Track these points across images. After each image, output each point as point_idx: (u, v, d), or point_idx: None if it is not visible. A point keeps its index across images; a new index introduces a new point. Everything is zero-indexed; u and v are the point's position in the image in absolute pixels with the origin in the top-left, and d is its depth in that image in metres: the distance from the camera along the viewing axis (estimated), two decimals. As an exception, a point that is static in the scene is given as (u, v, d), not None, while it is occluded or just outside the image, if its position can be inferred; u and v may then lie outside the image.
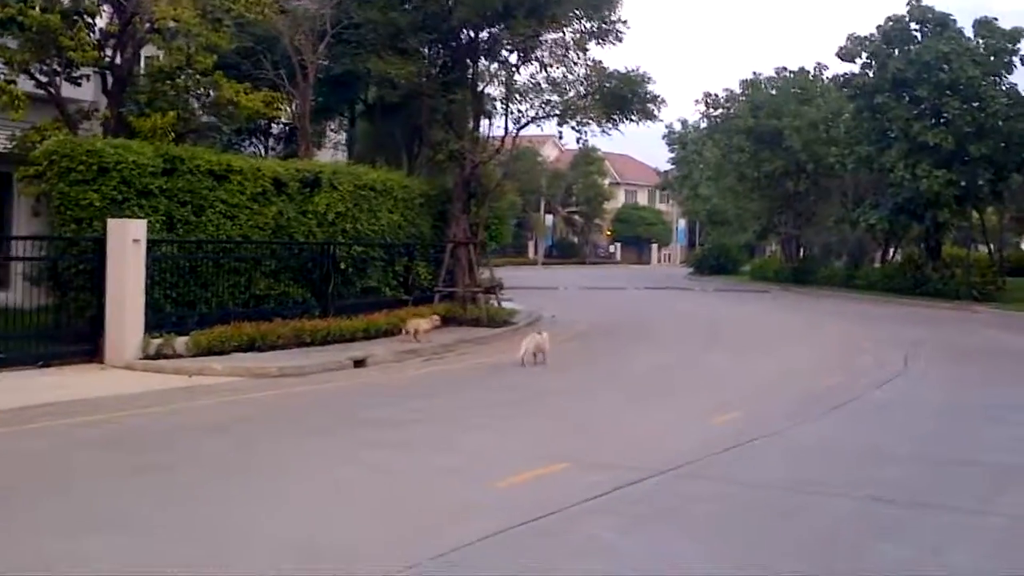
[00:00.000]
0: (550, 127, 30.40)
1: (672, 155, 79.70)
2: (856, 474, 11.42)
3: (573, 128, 27.99)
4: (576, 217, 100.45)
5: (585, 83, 28.38)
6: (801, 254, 63.64)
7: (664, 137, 78.05)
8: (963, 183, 43.71)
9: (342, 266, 24.24)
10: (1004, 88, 45.19)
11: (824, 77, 57.44)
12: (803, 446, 13.02)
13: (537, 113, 28.57)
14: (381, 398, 16.69)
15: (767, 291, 54.99)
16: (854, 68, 47.58)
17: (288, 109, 27.61)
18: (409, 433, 13.23)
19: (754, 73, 61.48)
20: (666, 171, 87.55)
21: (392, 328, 24.03)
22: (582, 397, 17.08)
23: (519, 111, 28.99)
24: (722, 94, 60.80)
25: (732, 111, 59.42)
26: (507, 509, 9.41)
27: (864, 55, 46.42)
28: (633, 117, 28.97)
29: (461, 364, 21.57)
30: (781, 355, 24.09)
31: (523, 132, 30.51)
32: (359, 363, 20.54)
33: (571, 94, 28.23)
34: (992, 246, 55.97)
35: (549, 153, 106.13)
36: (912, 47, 45.15)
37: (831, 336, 28.95)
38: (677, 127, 77.70)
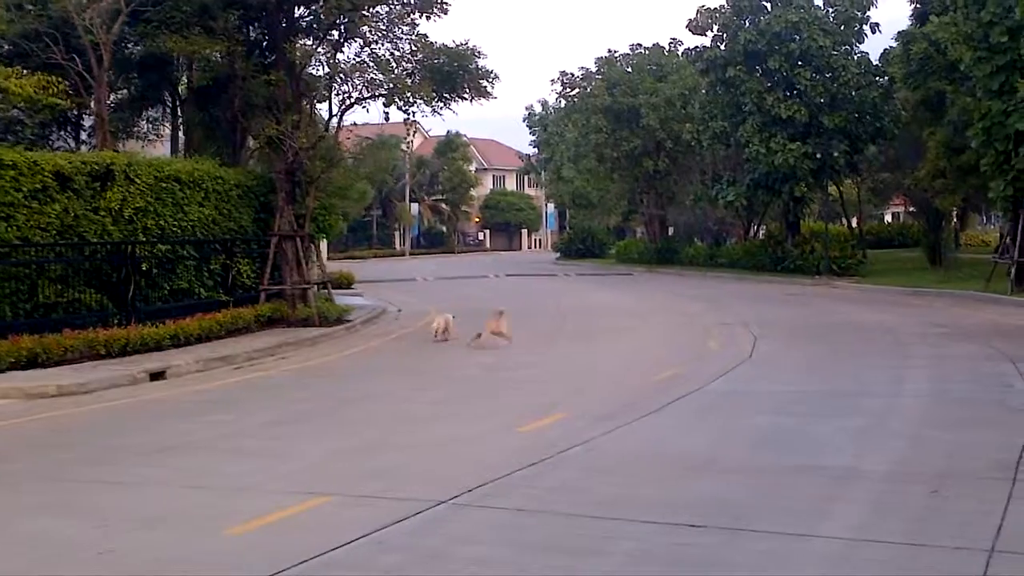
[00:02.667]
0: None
1: (534, 138, 77.97)
2: (673, 490, 9.77)
3: (400, 108, 25.99)
4: (443, 205, 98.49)
5: (412, 60, 26.45)
6: (666, 234, 62.62)
7: (524, 120, 76.35)
8: (818, 155, 42.87)
9: (144, 267, 21.98)
10: (855, 57, 44.46)
11: (679, 52, 56.24)
12: (620, 456, 11.32)
13: (361, 94, 26.54)
14: (159, 418, 14.61)
15: (630, 274, 53.92)
16: (706, 41, 46.43)
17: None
18: (165, 464, 11.25)
19: (609, 50, 60.18)
20: (528, 155, 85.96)
21: (204, 334, 21.90)
22: (388, 405, 15.26)
23: (345, 92, 26.97)
24: (578, 73, 59.38)
25: (588, 90, 58.00)
26: (223, 568, 7.55)
27: (715, 27, 45.23)
28: (465, 95, 27.19)
29: (276, 370, 19.60)
30: (625, 344, 22.57)
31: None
32: (157, 375, 18.44)
33: (397, 71, 26.24)
34: (852, 220, 55.67)
35: (412, 140, 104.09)
36: (762, 18, 44.11)
37: (683, 320, 27.54)
38: (537, 108, 75.93)
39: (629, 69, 57.89)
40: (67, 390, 16.67)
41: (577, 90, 59.62)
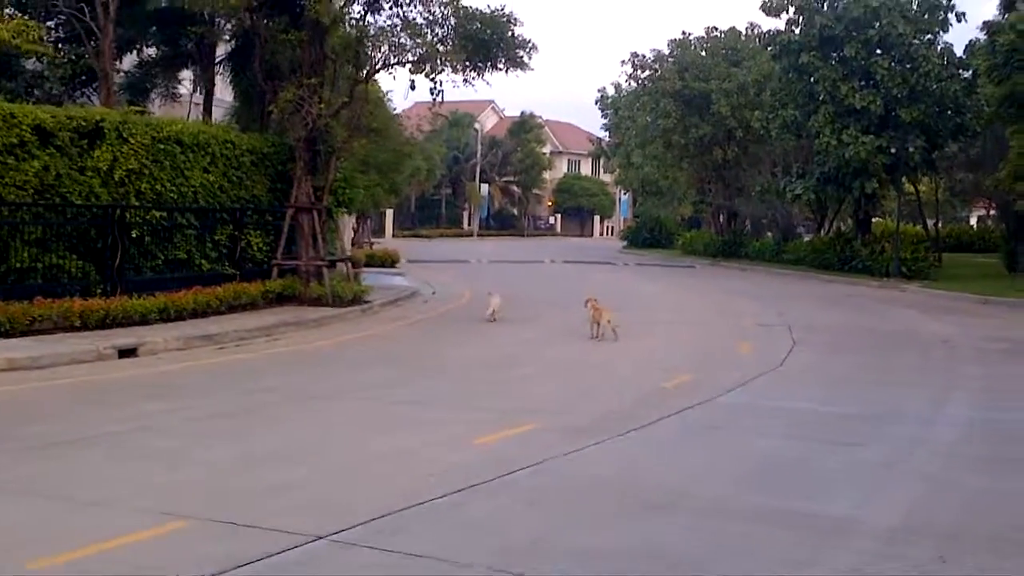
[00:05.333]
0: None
1: (605, 121, 75.61)
2: (611, 534, 7.93)
3: (427, 76, 24.03)
4: (514, 187, 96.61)
5: (444, 25, 24.59)
6: (733, 226, 60.12)
7: (597, 102, 73.98)
8: (893, 150, 40.22)
9: (135, 234, 20.44)
10: (937, 48, 41.68)
11: (756, 37, 53.67)
12: (572, 483, 9.48)
13: (387, 60, 24.79)
14: (91, 403, 13.03)
15: (693, 266, 51.67)
16: (780, 24, 43.94)
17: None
18: (47, 462, 9.73)
19: (683, 32, 57.71)
20: (599, 138, 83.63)
21: (200, 309, 20.39)
22: (350, 401, 13.49)
23: (374, 58, 25.21)
24: (650, 55, 57.02)
25: (659, 73, 55.67)
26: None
27: (791, 9, 42.64)
28: (500, 66, 25.35)
29: (260, 353, 17.97)
30: (650, 342, 20.61)
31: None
32: (127, 352, 16.91)
33: (429, 37, 24.40)
34: (930, 221, 52.88)
35: (487, 120, 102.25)
36: (840, 1, 41.49)
37: (725, 318, 25.46)
38: (610, 91, 73.45)
39: (703, 53, 55.50)
40: (17, 364, 15.23)
41: (648, 72, 57.20)
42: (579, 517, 8.39)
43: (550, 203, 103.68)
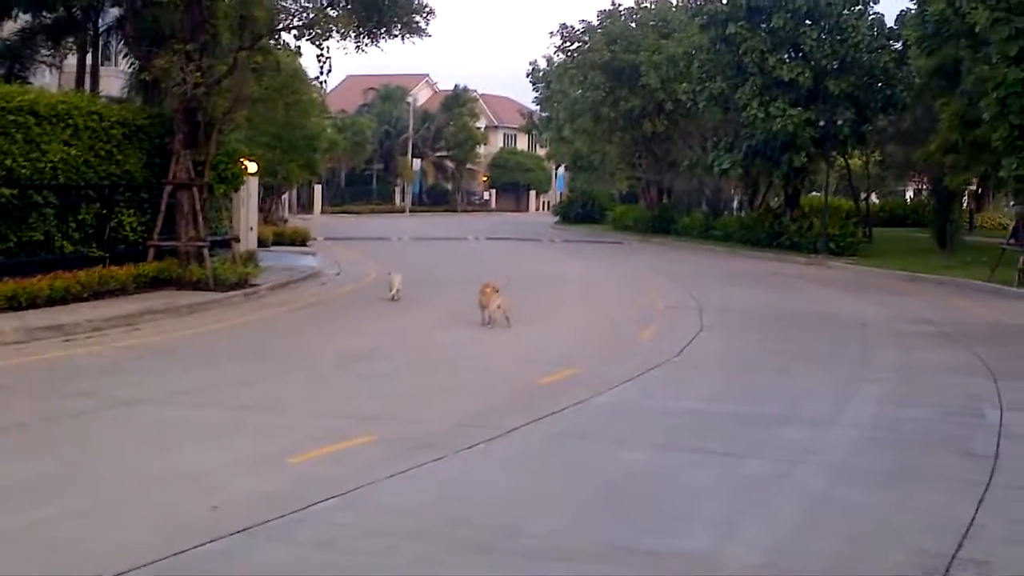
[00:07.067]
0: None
1: (537, 95, 73.85)
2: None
3: (313, 43, 22.27)
4: (447, 162, 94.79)
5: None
6: (667, 201, 58.82)
7: (528, 75, 72.17)
8: (822, 123, 39.00)
9: (-24, 215, 18.61)
10: (868, 18, 40.43)
11: (686, 7, 52.14)
12: (384, 518, 7.85)
13: (273, 24, 23.01)
14: None
15: (620, 242, 50.31)
16: (709, -6, 42.51)
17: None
18: None
19: (613, 3, 56.00)
20: (530, 111, 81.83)
21: (57, 296, 18.60)
22: (171, 408, 11.64)
23: (256, 23, 23.40)
24: (579, 26, 55.50)
25: (588, 45, 54.16)
26: None
27: (719, -22, 41.29)
28: (395, 32, 23.65)
29: (108, 346, 16.26)
30: (543, 330, 18.97)
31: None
32: (-55, 350, 15.13)
33: (316, 1, 22.68)
34: (862, 195, 51.91)
35: (421, 94, 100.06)
36: (768, -31, 40.16)
37: (635, 300, 24.00)
38: (542, 64, 71.69)
39: (633, 24, 54.04)
40: None
41: (577, 44, 55.72)
42: (372, 568, 6.82)
43: (485, 178, 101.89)
